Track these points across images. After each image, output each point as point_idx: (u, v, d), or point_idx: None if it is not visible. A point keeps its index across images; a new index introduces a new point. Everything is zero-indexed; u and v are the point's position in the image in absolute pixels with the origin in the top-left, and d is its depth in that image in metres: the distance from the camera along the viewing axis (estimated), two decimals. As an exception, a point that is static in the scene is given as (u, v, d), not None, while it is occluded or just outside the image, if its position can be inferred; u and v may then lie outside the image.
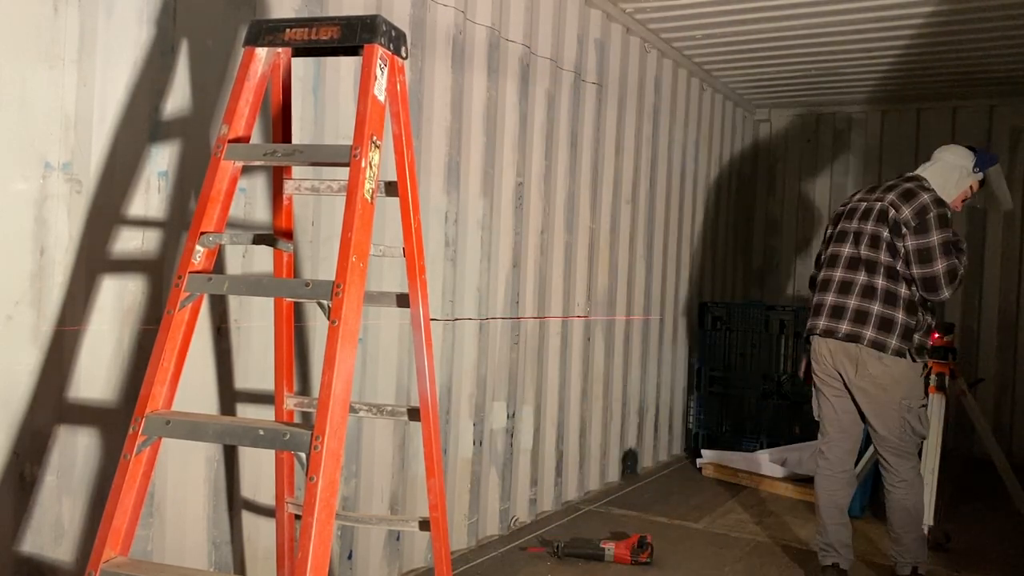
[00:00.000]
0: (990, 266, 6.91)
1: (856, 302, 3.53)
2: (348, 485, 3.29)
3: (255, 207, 2.81)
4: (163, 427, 1.96)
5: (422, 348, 2.48)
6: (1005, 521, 4.80)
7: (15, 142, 2.15)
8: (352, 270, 1.95)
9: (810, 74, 6.46)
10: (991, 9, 4.83)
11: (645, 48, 5.53)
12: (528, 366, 4.44)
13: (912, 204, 3.50)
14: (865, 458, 4.78)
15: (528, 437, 4.45)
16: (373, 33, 2.10)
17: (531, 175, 4.39)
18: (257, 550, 2.89)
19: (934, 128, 7.14)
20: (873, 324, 3.46)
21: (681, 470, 5.96)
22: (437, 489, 2.48)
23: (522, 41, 4.23)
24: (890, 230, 3.49)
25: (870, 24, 5.18)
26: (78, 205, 2.30)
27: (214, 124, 2.63)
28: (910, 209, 3.48)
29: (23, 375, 2.20)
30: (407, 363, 3.50)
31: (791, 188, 7.79)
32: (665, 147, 5.90)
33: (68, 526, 2.31)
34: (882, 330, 3.45)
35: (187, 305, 2.05)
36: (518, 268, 4.31)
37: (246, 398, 2.82)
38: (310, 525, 1.76)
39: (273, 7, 2.86)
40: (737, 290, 7.55)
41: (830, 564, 3.67)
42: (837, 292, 3.60)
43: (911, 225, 3.46)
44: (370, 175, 2.03)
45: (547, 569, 3.81)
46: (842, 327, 3.53)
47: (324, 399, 1.85)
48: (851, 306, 3.53)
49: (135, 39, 2.42)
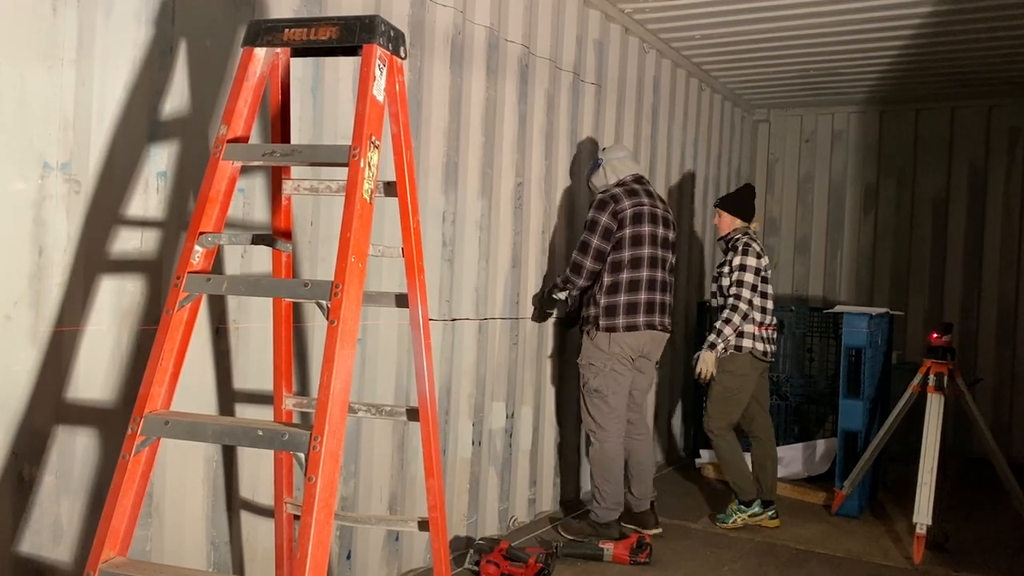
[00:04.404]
0: (988, 266, 6.92)
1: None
2: (347, 485, 3.29)
3: (254, 207, 2.81)
4: (162, 427, 1.96)
5: (421, 348, 2.48)
6: (1004, 521, 4.81)
7: (14, 142, 2.15)
8: (351, 270, 1.95)
9: (809, 74, 6.46)
10: (990, 9, 4.84)
11: (644, 48, 5.53)
12: (527, 366, 4.44)
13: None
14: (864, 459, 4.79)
15: (527, 437, 4.45)
16: (372, 33, 2.10)
17: (531, 175, 4.39)
18: (256, 550, 2.89)
19: (933, 128, 7.16)
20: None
21: (680, 470, 5.96)
22: (436, 489, 2.48)
23: (521, 41, 4.23)
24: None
25: (869, 24, 5.18)
26: (77, 205, 2.30)
27: (213, 124, 2.63)
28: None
29: (22, 375, 2.19)
30: (406, 363, 3.50)
31: (790, 188, 7.79)
32: (664, 147, 5.90)
33: (67, 526, 2.31)
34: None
35: (186, 305, 2.05)
36: (518, 268, 4.31)
37: (245, 398, 2.81)
38: (309, 525, 1.76)
39: (272, 7, 2.86)
40: (736, 290, 7.53)
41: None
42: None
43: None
44: (369, 175, 2.03)
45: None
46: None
47: (323, 399, 1.85)
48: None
49: (134, 39, 2.42)
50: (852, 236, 7.49)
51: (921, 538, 4.15)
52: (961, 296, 6.99)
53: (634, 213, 4.12)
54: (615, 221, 4.11)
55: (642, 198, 4.18)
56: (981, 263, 6.94)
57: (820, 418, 6.12)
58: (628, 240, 4.12)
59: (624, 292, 4.12)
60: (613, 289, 4.13)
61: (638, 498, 4.31)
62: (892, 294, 7.22)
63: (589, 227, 4.14)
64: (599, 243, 4.12)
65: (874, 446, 4.77)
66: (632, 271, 4.13)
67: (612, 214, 4.11)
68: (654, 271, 4.20)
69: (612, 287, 4.13)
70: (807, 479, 5.56)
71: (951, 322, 5.43)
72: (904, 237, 7.27)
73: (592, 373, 4.17)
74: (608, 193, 4.17)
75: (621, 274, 4.13)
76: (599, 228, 4.12)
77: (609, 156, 4.31)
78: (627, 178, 4.25)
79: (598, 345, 4.15)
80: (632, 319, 4.13)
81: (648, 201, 4.20)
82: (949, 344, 4.58)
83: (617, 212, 4.11)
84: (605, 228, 4.11)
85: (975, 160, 7.01)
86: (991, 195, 6.95)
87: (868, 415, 5.01)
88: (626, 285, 4.13)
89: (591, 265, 4.13)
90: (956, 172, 7.08)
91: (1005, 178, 6.91)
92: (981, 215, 6.97)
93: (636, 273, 4.14)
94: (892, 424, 4.72)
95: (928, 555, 4.22)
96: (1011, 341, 6.81)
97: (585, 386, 4.22)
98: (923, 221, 7.19)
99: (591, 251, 4.13)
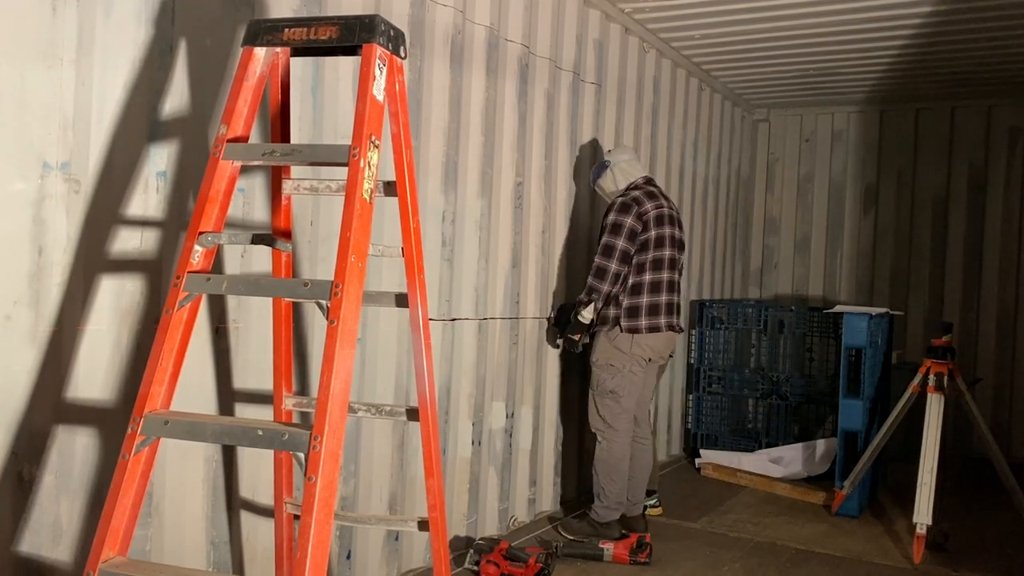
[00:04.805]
0: (988, 265, 6.92)
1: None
2: (347, 485, 3.29)
3: (254, 207, 2.81)
4: (161, 427, 1.96)
5: (421, 348, 2.47)
6: (1004, 521, 4.80)
7: (13, 142, 2.15)
8: (351, 270, 1.95)
9: (808, 74, 6.46)
10: (989, 9, 4.83)
11: (644, 48, 5.53)
12: (527, 366, 4.44)
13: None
14: (863, 459, 4.79)
15: (527, 437, 4.45)
16: (372, 33, 2.10)
17: (531, 175, 4.39)
18: (256, 550, 2.89)
19: (933, 128, 7.15)
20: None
21: (680, 470, 5.96)
22: (436, 489, 2.48)
23: (521, 41, 4.23)
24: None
25: (868, 24, 5.18)
26: (76, 205, 2.30)
27: (213, 124, 2.63)
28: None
29: (21, 375, 2.19)
30: (406, 363, 3.50)
31: (790, 188, 7.79)
32: (664, 147, 5.90)
33: (67, 526, 2.31)
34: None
35: (185, 305, 2.05)
36: (517, 268, 4.31)
37: (245, 398, 2.81)
38: (309, 525, 1.76)
39: (272, 7, 2.86)
40: (736, 289, 7.55)
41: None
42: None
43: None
44: (369, 175, 2.03)
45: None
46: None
47: (323, 399, 1.85)
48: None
49: (134, 39, 2.41)
50: (852, 236, 7.49)
51: (921, 538, 4.15)
52: (961, 296, 6.99)
53: (656, 215, 4.14)
54: (640, 223, 4.11)
55: (660, 200, 4.21)
56: (981, 263, 6.94)
57: (820, 418, 6.12)
58: (652, 242, 4.13)
59: (647, 294, 4.13)
60: (636, 290, 4.12)
61: (632, 503, 4.30)
62: (892, 294, 7.22)
63: (612, 230, 4.11)
64: (625, 244, 4.10)
65: (874, 446, 4.77)
66: (654, 273, 4.15)
67: (637, 216, 4.10)
68: (672, 273, 4.24)
69: (635, 288, 4.12)
70: (807, 479, 5.56)
71: (951, 322, 5.43)
72: (904, 237, 7.27)
73: (610, 374, 4.16)
74: (629, 196, 4.17)
75: (644, 276, 4.13)
76: (624, 230, 4.10)
77: (616, 159, 4.32)
78: (639, 181, 4.26)
79: (618, 346, 4.14)
80: (654, 320, 4.14)
81: (665, 203, 4.23)
82: (949, 344, 4.58)
83: (642, 214, 4.11)
84: (631, 230, 4.10)
85: (975, 160, 7.01)
86: (991, 195, 6.95)
87: (868, 415, 5.01)
88: (649, 287, 4.13)
89: (616, 268, 4.10)
90: (956, 172, 7.08)
91: (1005, 178, 6.91)
92: (981, 215, 6.97)
93: (658, 275, 4.16)
94: (892, 424, 4.71)
95: (928, 555, 4.22)
96: (1011, 341, 6.81)
97: (599, 387, 4.20)
98: (923, 221, 7.19)
99: (616, 253, 4.09)
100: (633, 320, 4.11)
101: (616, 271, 4.11)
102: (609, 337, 4.17)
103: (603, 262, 4.12)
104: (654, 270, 4.15)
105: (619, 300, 4.13)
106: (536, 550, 3.68)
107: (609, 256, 4.10)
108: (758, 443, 6.07)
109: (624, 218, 4.10)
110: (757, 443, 6.08)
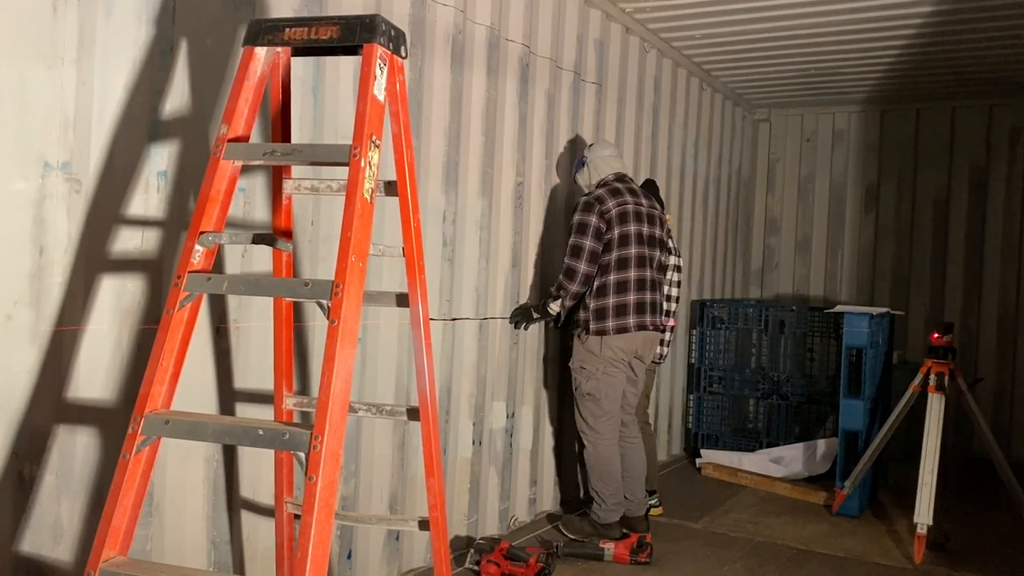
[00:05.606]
0: (989, 265, 6.92)
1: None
2: (347, 485, 3.29)
3: (254, 207, 2.81)
4: (162, 427, 1.96)
5: (422, 348, 2.47)
6: (1005, 521, 4.80)
7: (14, 142, 2.15)
8: (351, 270, 1.95)
9: (809, 74, 6.46)
10: (990, 9, 4.83)
11: (644, 48, 5.53)
12: (528, 366, 4.44)
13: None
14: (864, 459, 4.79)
15: (527, 437, 4.45)
16: (372, 33, 2.10)
17: (531, 174, 4.39)
18: (256, 550, 2.89)
19: (934, 128, 7.15)
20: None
21: (680, 470, 5.96)
22: (436, 489, 2.48)
23: (522, 41, 4.22)
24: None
25: (869, 24, 5.18)
26: (77, 205, 2.30)
27: (213, 124, 2.63)
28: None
29: (22, 375, 2.19)
30: (406, 363, 3.50)
31: (790, 187, 7.79)
32: (665, 146, 5.89)
33: (67, 526, 2.31)
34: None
35: (186, 305, 2.05)
36: (518, 268, 4.31)
37: (245, 398, 2.81)
38: (309, 525, 1.76)
39: (272, 7, 2.86)
40: (737, 289, 7.55)
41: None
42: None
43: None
44: (369, 175, 2.03)
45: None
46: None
47: (323, 399, 1.85)
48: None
49: (134, 39, 2.42)
50: (853, 236, 7.49)
51: (922, 538, 4.15)
52: (962, 296, 6.98)
53: (619, 212, 4.06)
54: (603, 221, 4.05)
55: (625, 196, 4.11)
56: (982, 262, 6.94)
57: (821, 418, 6.12)
58: (615, 241, 4.06)
59: (613, 294, 4.05)
60: (602, 292, 4.07)
61: (633, 503, 4.26)
62: (893, 294, 7.22)
63: (578, 230, 4.05)
64: (592, 244, 4.04)
65: (875, 446, 4.77)
66: (619, 272, 4.06)
67: (599, 214, 4.04)
68: (643, 271, 4.12)
69: (600, 290, 4.07)
70: (807, 479, 5.56)
71: (951, 322, 5.43)
72: (905, 237, 7.27)
73: (584, 377, 4.13)
74: (592, 195, 4.11)
75: (608, 276, 4.06)
76: (590, 229, 4.04)
77: (593, 155, 4.27)
78: (609, 177, 4.19)
79: (590, 349, 4.10)
80: (622, 321, 4.06)
81: (632, 199, 4.13)
82: (950, 344, 4.58)
83: (604, 212, 4.04)
84: (596, 229, 4.04)
85: (976, 159, 7.01)
86: (992, 194, 6.95)
87: (869, 415, 5.01)
88: (614, 287, 4.06)
89: (586, 268, 4.04)
90: (957, 172, 7.08)
91: (1006, 177, 6.91)
92: (982, 214, 6.97)
93: (623, 274, 4.08)
94: (893, 424, 4.71)
95: (929, 555, 4.22)
96: (1012, 341, 6.80)
97: (577, 389, 4.17)
98: (924, 221, 7.19)
99: (584, 253, 4.04)
100: (600, 322, 4.05)
101: (586, 271, 4.05)
102: (581, 340, 4.14)
103: (572, 263, 4.05)
104: (619, 270, 4.06)
105: (587, 303, 4.08)
106: (537, 550, 3.68)
107: (578, 257, 4.04)
108: (759, 443, 6.07)
109: (588, 217, 4.04)
110: (758, 443, 6.08)
